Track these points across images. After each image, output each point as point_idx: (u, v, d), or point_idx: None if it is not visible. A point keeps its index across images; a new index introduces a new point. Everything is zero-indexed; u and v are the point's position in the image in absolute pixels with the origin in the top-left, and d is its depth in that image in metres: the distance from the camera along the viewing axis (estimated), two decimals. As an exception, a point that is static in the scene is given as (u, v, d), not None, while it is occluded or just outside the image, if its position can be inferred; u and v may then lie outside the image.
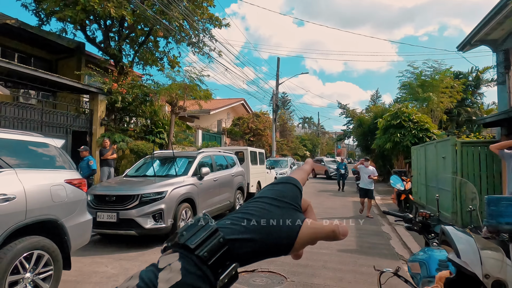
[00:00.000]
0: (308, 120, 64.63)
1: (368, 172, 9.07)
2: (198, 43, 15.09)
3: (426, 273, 2.10)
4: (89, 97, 11.96)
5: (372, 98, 39.48)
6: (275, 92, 24.70)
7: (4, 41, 12.52)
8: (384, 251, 5.73)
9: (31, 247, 3.21)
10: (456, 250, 1.41)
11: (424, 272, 2.14)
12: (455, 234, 1.55)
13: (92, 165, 8.01)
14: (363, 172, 9.16)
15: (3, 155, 3.19)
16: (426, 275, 2.10)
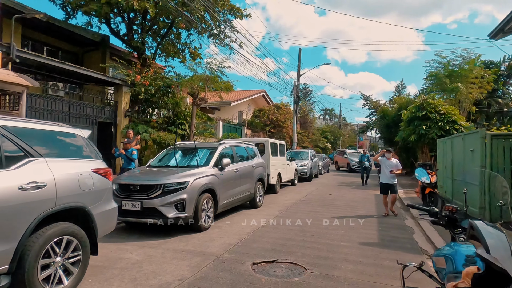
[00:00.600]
0: (330, 111, 63.73)
1: (391, 165, 8.07)
2: (219, 35, 15.08)
3: (452, 269, 2.04)
4: (114, 89, 12.26)
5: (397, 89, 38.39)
6: (296, 83, 24.45)
7: (33, 35, 12.98)
8: (407, 245, 5.61)
9: (60, 232, 3.35)
10: (486, 245, 1.36)
11: (449, 267, 2.08)
12: (484, 229, 1.49)
13: (134, 155, 8.88)
14: (385, 165, 8.15)
15: (34, 145, 3.32)
16: (452, 271, 2.04)
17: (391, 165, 8.07)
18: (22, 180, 3.05)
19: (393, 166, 8.04)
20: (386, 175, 8.11)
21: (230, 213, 7.92)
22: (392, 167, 8.02)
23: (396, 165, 8.08)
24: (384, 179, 8.13)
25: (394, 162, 8.13)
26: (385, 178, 8.11)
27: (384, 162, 8.19)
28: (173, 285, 3.76)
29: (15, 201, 2.94)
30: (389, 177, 8.03)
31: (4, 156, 3.02)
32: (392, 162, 8.10)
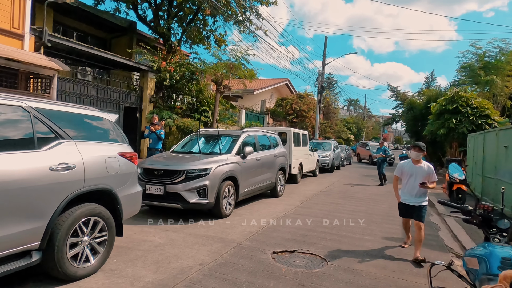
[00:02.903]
0: (354, 102, 62.42)
1: (421, 173, 4.64)
2: (244, 21, 14.92)
3: (486, 270, 1.94)
4: (140, 75, 12.45)
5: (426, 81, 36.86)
6: (321, 73, 24.00)
7: (64, 20, 13.30)
8: (432, 242, 5.45)
9: (88, 213, 3.45)
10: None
11: (483, 268, 1.99)
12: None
13: (162, 134, 9.29)
14: (409, 173, 4.72)
15: (64, 127, 3.41)
16: (485, 272, 1.95)
17: (421, 173, 4.62)
18: (53, 161, 3.14)
19: (424, 174, 4.61)
20: (410, 189, 4.67)
21: (251, 201, 7.95)
22: (423, 176, 4.60)
23: (429, 173, 4.63)
24: (407, 195, 4.71)
25: (426, 167, 4.67)
26: (409, 193, 4.68)
27: (408, 168, 4.76)
28: (194, 269, 3.82)
29: (46, 181, 3.04)
30: (416, 192, 4.61)
31: (36, 137, 3.11)
32: (423, 168, 4.65)
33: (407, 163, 4.76)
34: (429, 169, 4.63)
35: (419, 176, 4.59)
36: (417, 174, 4.62)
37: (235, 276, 3.69)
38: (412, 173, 4.65)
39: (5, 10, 7.13)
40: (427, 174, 4.60)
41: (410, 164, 4.73)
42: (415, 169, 4.66)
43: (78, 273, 3.36)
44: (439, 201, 2.58)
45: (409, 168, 4.72)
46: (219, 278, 3.61)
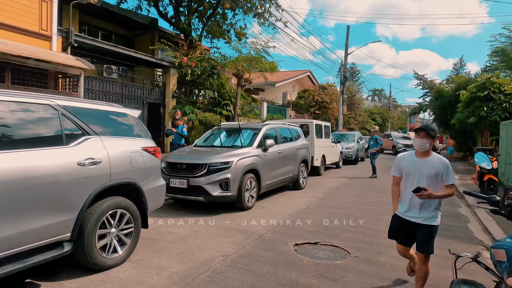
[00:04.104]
0: (379, 92, 60.76)
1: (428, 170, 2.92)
2: (264, 14, 14.82)
3: (517, 262, 1.87)
4: (162, 71, 12.68)
5: (455, 67, 35.26)
6: (344, 63, 23.52)
7: (90, 20, 13.72)
8: (461, 235, 5.28)
9: (115, 206, 3.59)
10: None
11: (511, 260, 1.91)
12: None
13: (185, 131, 9.32)
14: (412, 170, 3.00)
15: (90, 123, 3.55)
16: (514, 265, 1.88)
17: (427, 170, 2.93)
18: (80, 156, 3.28)
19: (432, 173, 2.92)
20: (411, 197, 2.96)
21: (273, 193, 7.98)
22: (431, 175, 2.91)
23: (440, 171, 2.90)
24: (406, 205, 3.04)
25: (436, 162, 2.93)
26: (409, 203, 3.02)
27: (408, 163, 3.07)
28: (217, 260, 3.90)
29: (75, 175, 3.19)
30: (421, 202, 2.93)
31: (64, 134, 3.26)
32: (431, 163, 2.93)
33: (408, 156, 3.05)
34: (441, 165, 2.86)
35: (424, 175, 2.87)
36: (421, 172, 2.88)
37: (257, 267, 3.73)
38: (414, 170, 2.93)
39: (34, 13, 7.45)
40: (438, 172, 2.84)
41: (412, 157, 3.01)
42: (419, 164, 2.91)
43: (107, 263, 3.52)
44: (465, 192, 2.49)
45: (410, 163, 2.98)
46: (241, 269, 3.67)
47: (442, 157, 2.96)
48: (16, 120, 2.96)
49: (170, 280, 3.37)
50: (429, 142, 2.90)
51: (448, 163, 2.91)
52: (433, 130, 2.91)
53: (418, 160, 2.98)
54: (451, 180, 2.89)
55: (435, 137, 2.91)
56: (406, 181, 3.03)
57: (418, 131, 2.95)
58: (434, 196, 2.76)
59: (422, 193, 2.72)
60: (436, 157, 2.97)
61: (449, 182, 2.88)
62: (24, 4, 7.20)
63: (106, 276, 3.40)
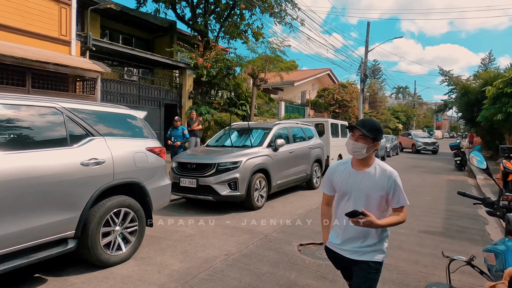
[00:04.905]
0: (403, 89, 59.08)
1: (369, 186, 2.00)
2: (280, 13, 14.77)
3: (502, 267, 1.79)
4: (178, 72, 12.89)
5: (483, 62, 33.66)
6: (364, 60, 23.05)
7: (111, 24, 14.16)
8: (476, 237, 5.06)
9: (118, 204, 3.70)
10: (522, 244, 1.14)
11: (500, 265, 1.83)
12: (523, 225, 1.25)
13: (187, 134, 9.01)
14: (346, 186, 2.07)
15: (94, 125, 3.67)
16: (502, 269, 1.79)
17: (367, 187, 2.01)
18: (84, 157, 3.41)
19: (373, 191, 2.00)
20: (343, 224, 2.08)
21: (286, 193, 7.95)
22: (371, 193, 2.00)
23: (385, 189, 1.98)
24: (338, 233, 2.15)
25: (379, 175, 2.01)
26: (342, 230, 2.12)
27: (342, 176, 2.11)
28: (219, 259, 3.93)
29: (78, 175, 3.31)
30: (355, 229, 2.01)
31: (69, 135, 3.39)
32: (372, 177, 2.01)
33: (342, 166, 2.14)
34: (386, 180, 1.99)
35: (363, 194, 2.01)
36: (358, 190, 2.02)
37: (258, 267, 3.74)
38: (349, 187, 2.06)
39: (54, 19, 7.79)
40: (381, 190, 1.98)
41: (347, 168, 2.11)
42: (356, 178, 2.05)
43: (111, 260, 3.63)
44: (459, 192, 2.39)
45: (344, 176, 2.10)
46: (241, 268, 3.69)
47: (389, 168, 2.03)
48: (23, 122, 3.11)
49: (170, 278, 3.43)
50: (367, 147, 1.96)
51: (396, 177, 1.99)
52: (373, 129, 1.98)
53: (354, 173, 2.04)
54: (402, 201, 1.96)
55: (376, 139, 1.98)
56: (339, 202, 2.12)
57: (352, 129, 2.05)
58: (376, 224, 1.82)
59: (359, 219, 1.78)
60: (380, 167, 2.02)
61: (398, 204, 1.96)
62: (44, 11, 7.54)
63: (110, 273, 3.51)
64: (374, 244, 2.03)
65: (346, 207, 2.04)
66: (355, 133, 2.03)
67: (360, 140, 1.99)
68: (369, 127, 2.00)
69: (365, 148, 1.98)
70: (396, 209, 2.00)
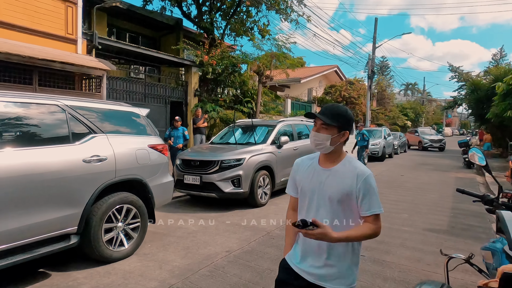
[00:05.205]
0: (412, 86, 58.34)
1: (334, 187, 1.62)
2: (286, 10, 14.70)
3: (499, 264, 1.76)
4: (184, 70, 12.93)
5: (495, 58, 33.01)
6: (371, 57, 22.82)
7: (118, 23, 14.24)
8: (481, 235, 4.98)
9: (121, 201, 3.74)
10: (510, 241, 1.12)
11: (496, 263, 1.81)
12: None
13: (187, 134, 8.65)
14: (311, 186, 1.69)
15: (97, 122, 3.71)
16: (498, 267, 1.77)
17: (332, 187, 1.62)
18: (86, 154, 3.45)
19: (339, 192, 1.60)
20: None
21: (290, 190, 7.93)
22: (336, 195, 1.60)
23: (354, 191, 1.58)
24: (300, 247, 1.73)
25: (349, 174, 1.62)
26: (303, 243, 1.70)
27: (306, 174, 1.74)
28: (220, 255, 3.95)
29: (80, 172, 3.35)
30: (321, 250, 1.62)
31: (71, 133, 3.44)
32: (339, 175, 1.63)
33: (308, 162, 1.79)
34: (354, 180, 1.59)
35: (327, 197, 1.63)
36: (322, 192, 1.66)
37: (258, 264, 3.75)
38: (312, 188, 1.69)
39: (60, 18, 7.87)
40: (348, 192, 1.59)
41: (313, 164, 1.75)
42: (321, 177, 1.67)
43: (113, 255, 3.68)
44: (458, 190, 2.35)
45: (309, 173, 1.74)
46: (242, 265, 3.71)
47: (360, 165, 1.64)
48: (25, 120, 3.16)
49: (171, 274, 3.46)
50: (331, 138, 1.61)
51: (368, 176, 1.58)
52: (337, 115, 1.63)
53: (320, 171, 1.68)
54: (373, 208, 1.56)
55: (343, 127, 1.63)
56: (301, 206, 1.75)
57: (312, 118, 1.72)
58: (331, 237, 1.42)
59: (308, 230, 1.41)
60: (350, 164, 1.65)
61: (369, 211, 1.56)
62: (51, 10, 7.63)
63: (112, 268, 3.56)
64: (341, 267, 1.59)
65: (307, 212, 1.67)
66: (317, 123, 1.67)
67: (322, 130, 1.63)
68: (332, 113, 1.64)
69: (329, 140, 1.61)
70: (366, 218, 1.56)
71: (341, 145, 1.70)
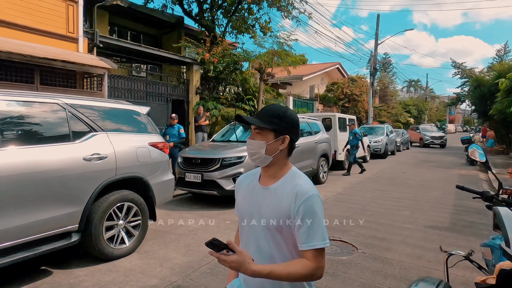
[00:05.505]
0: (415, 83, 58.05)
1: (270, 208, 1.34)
2: (287, 7, 14.64)
3: (498, 261, 1.75)
4: (185, 68, 12.93)
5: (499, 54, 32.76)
6: (374, 54, 22.72)
7: (119, 21, 14.25)
8: (483, 232, 4.96)
9: (121, 199, 3.76)
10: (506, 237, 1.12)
11: (496, 259, 1.80)
12: (508, 218, 1.22)
13: (183, 133, 8.16)
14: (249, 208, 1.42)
15: (97, 120, 3.72)
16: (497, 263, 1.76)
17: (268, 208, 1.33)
18: (86, 152, 3.46)
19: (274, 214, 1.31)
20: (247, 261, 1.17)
21: (291, 188, 7.93)
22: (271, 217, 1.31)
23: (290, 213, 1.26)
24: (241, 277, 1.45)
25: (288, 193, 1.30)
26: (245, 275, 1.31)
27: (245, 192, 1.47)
28: (221, 253, 3.96)
29: (80, 170, 3.36)
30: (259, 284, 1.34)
31: (71, 131, 3.44)
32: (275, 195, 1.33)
33: (249, 178, 1.49)
34: (292, 200, 1.26)
35: (264, 222, 1.34)
36: (259, 215, 1.35)
37: (259, 261, 3.75)
38: (250, 211, 1.40)
39: (61, 17, 7.88)
40: (284, 216, 1.28)
41: (254, 182, 1.45)
42: (259, 197, 1.38)
43: (115, 253, 3.69)
44: (457, 186, 2.33)
45: (248, 192, 1.45)
46: (242, 262, 3.71)
47: (303, 182, 1.30)
48: (26, 118, 3.17)
49: (172, 271, 3.48)
50: (266, 145, 1.31)
51: (309, 197, 1.24)
52: (273, 116, 1.32)
53: (259, 189, 1.39)
54: (313, 240, 1.22)
55: (281, 131, 1.32)
56: (241, 233, 1.47)
57: (243, 122, 1.39)
58: (249, 269, 1.16)
59: (221, 255, 1.18)
60: (291, 181, 1.32)
61: (305, 243, 1.23)
62: (51, 9, 7.64)
63: (113, 266, 3.57)
64: None
65: (246, 241, 1.39)
66: (252, 128, 1.37)
67: (256, 136, 1.33)
68: (266, 115, 1.33)
69: (263, 148, 1.30)
70: (304, 253, 1.23)
71: (283, 155, 1.35)
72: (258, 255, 1.31)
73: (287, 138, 1.34)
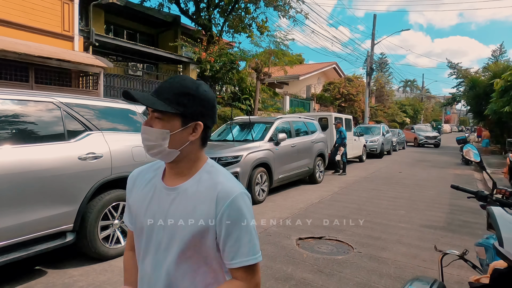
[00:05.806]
0: (411, 83, 58.33)
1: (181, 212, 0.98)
2: (284, 6, 14.65)
3: (491, 260, 1.76)
4: (182, 67, 12.90)
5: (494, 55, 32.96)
6: (370, 54, 22.79)
7: (115, 20, 14.17)
8: (478, 231, 4.99)
9: (117, 198, 3.74)
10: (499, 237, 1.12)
11: (490, 259, 1.81)
12: (502, 218, 1.23)
13: None
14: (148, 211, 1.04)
15: (92, 119, 3.70)
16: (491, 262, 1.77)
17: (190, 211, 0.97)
18: (81, 151, 3.44)
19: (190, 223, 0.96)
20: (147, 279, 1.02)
21: (288, 187, 7.94)
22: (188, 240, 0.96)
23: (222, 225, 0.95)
24: None
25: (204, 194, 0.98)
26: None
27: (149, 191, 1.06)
28: (217, 252, 3.95)
29: (75, 169, 3.34)
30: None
31: (66, 130, 3.42)
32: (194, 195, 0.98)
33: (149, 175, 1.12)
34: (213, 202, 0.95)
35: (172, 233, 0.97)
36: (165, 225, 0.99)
37: (255, 261, 3.75)
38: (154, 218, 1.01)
39: (56, 15, 7.83)
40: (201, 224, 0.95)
41: (155, 180, 1.07)
42: (164, 201, 1.01)
43: (110, 253, 3.67)
44: (452, 186, 2.35)
45: (146, 194, 1.05)
46: (238, 262, 3.70)
47: (225, 180, 1.02)
48: (20, 117, 3.14)
49: (167, 271, 3.46)
50: (170, 134, 0.96)
51: (235, 197, 0.97)
52: (181, 94, 0.95)
53: (163, 190, 1.04)
54: (243, 255, 0.95)
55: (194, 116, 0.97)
56: (138, 248, 1.08)
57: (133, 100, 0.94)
58: None
59: None
60: (209, 179, 1.01)
61: (234, 259, 0.96)
62: (47, 7, 7.59)
63: (108, 265, 3.56)
64: None
65: (144, 259, 1.03)
66: (149, 111, 1.00)
67: (156, 122, 0.97)
68: (171, 91, 0.96)
69: (166, 138, 0.96)
70: (234, 272, 0.98)
71: (195, 148, 1.01)
72: (159, 267, 0.98)
73: (200, 126, 0.98)
